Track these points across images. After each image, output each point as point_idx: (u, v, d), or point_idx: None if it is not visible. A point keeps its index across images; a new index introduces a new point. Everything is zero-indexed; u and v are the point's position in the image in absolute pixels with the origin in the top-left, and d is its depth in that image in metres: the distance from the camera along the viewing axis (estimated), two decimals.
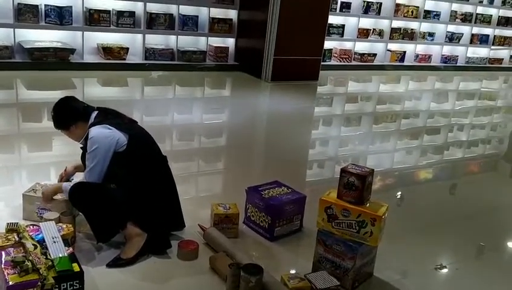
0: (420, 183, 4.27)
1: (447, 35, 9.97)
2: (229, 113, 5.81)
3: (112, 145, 2.40)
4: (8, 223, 2.38)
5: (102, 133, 2.41)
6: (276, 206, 2.74)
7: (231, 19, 7.62)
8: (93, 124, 2.47)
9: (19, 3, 6.03)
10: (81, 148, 2.59)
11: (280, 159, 4.27)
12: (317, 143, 5.13)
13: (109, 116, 2.55)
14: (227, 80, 7.34)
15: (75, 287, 2.09)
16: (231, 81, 7.29)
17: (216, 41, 7.63)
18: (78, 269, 2.11)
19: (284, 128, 5.24)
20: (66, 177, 2.76)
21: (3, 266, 2.05)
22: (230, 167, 4.11)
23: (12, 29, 6.04)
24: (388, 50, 9.37)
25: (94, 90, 6.00)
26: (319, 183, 3.89)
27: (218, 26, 7.50)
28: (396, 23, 9.34)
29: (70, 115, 2.53)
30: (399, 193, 3.91)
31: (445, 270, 2.73)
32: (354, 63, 8.93)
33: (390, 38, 9.29)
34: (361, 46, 9.12)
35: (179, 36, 7.21)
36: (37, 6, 6.14)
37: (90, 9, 6.49)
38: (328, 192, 2.44)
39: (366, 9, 8.82)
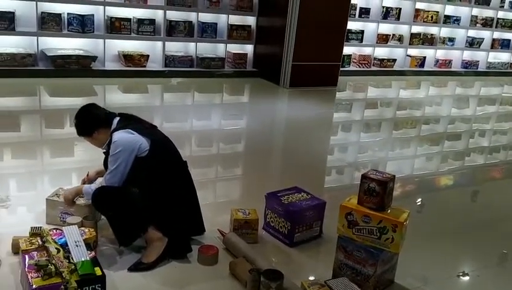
0: (441, 190, 4.22)
1: (467, 40, 9.85)
2: (248, 120, 5.83)
3: (135, 149, 2.44)
4: (32, 227, 2.44)
5: (125, 138, 2.45)
6: (296, 212, 2.74)
7: (250, 26, 7.66)
8: (115, 130, 2.50)
9: (42, 12, 6.16)
10: (104, 153, 2.63)
11: (299, 165, 4.27)
12: (336, 149, 5.11)
13: (131, 121, 2.59)
14: (246, 86, 7.37)
15: None
16: (249, 88, 7.32)
17: (235, 48, 7.68)
18: (100, 273, 2.14)
19: (303, 134, 5.23)
20: (88, 182, 2.80)
21: (27, 270, 2.09)
22: (249, 173, 4.12)
23: (35, 37, 6.16)
24: (408, 55, 9.29)
25: (115, 97, 6.08)
26: (338, 190, 3.87)
27: (236, 33, 7.55)
28: (416, 29, 9.26)
29: (92, 122, 2.57)
30: (419, 199, 3.86)
31: (466, 278, 2.69)
32: (373, 68, 8.88)
33: (410, 44, 9.21)
34: (381, 52, 9.07)
35: (198, 43, 7.27)
36: (59, 14, 6.25)
37: (111, 18, 6.59)
38: (349, 198, 2.42)
39: (386, 15, 8.78)
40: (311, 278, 2.37)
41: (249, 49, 7.77)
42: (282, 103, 6.72)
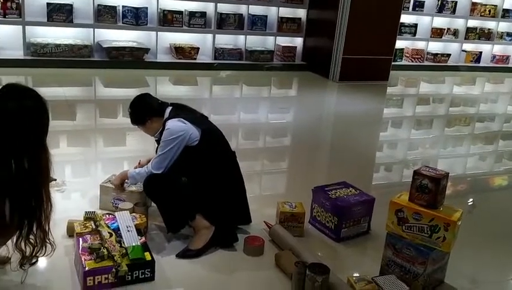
0: (494, 190, 4.06)
1: None
2: (296, 113, 5.80)
3: (185, 138, 2.48)
4: (86, 212, 2.53)
5: (177, 126, 2.50)
6: (344, 207, 2.71)
7: (300, 18, 7.61)
8: (168, 119, 2.56)
9: (98, 5, 6.35)
10: (156, 141, 2.69)
11: (347, 160, 4.21)
12: (386, 145, 5.00)
13: (183, 111, 2.64)
14: (294, 79, 7.33)
15: (146, 275, 2.19)
16: (298, 81, 7.28)
17: (284, 41, 7.64)
18: (150, 258, 2.20)
19: (352, 129, 5.16)
20: None
21: (80, 252, 2.18)
22: (296, 167, 4.10)
23: (92, 29, 6.37)
24: (463, 50, 8.96)
25: (166, 89, 6.20)
26: (386, 187, 3.79)
27: (286, 26, 7.52)
28: (472, 23, 8.91)
29: (146, 111, 2.63)
30: (471, 199, 3.73)
31: None
32: (426, 63, 8.63)
33: (465, 38, 8.89)
34: (435, 46, 8.79)
35: (247, 36, 7.29)
36: (115, 7, 6.43)
37: (164, 10, 6.71)
38: (399, 194, 2.37)
39: (441, 8, 8.50)
40: (358, 274, 2.34)
41: (298, 42, 7.72)
42: (331, 96, 6.64)
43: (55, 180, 2.77)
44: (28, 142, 1.87)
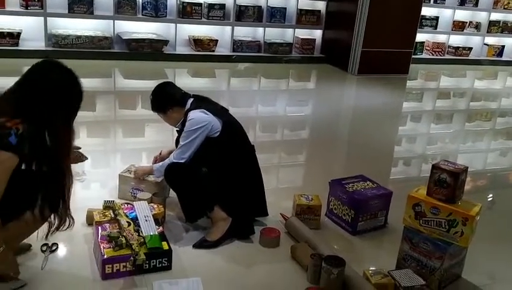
0: None
1: None
2: (314, 106, 5.78)
3: (207, 129, 2.50)
4: (105, 201, 2.57)
5: (199, 117, 2.51)
6: (361, 200, 2.70)
7: (319, 11, 7.56)
8: (190, 109, 2.57)
9: None
10: (177, 131, 2.71)
11: (365, 154, 4.19)
12: (405, 140, 4.96)
13: (205, 102, 2.65)
14: (313, 72, 7.30)
15: (163, 264, 2.21)
16: (317, 74, 7.24)
17: (303, 33, 7.60)
18: (167, 248, 2.23)
19: (370, 123, 5.12)
20: (159, 160, 2.90)
21: (99, 240, 2.21)
22: (313, 160, 4.10)
23: (112, 21, 6.43)
24: (485, 44, 8.81)
25: (184, 81, 6.23)
26: (404, 181, 3.76)
27: (305, 18, 7.48)
28: (495, 16, 8.74)
29: (168, 99, 2.64)
30: (491, 195, 3.68)
31: None
32: (447, 56, 8.51)
33: (487, 32, 8.73)
34: (456, 40, 8.66)
35: (266, 28, 7.27)
36: None
37: (183, 2, 6.73)
38: (417, 188, 2.35)
39: (463, 1, 8.35)
40: (374, 267, 2.34)
41: (317, 34, 7.68)
42: (350, 90, 6.60)
43: (80, 148, 2.71)
44: (56, 117, 1.86)
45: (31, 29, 6.11)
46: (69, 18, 6.24)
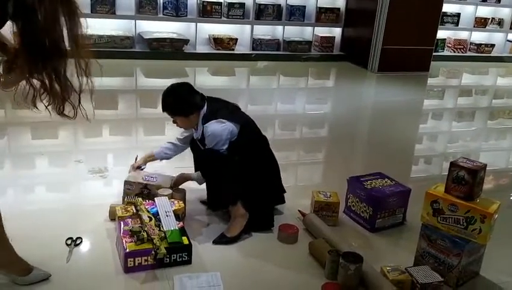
0: None
1: None
2: (333, 104, 5.78)
3: (228, 139, 2.49)
4: (127, 196, 2.63)
5: (218, 130, 2.48)
6: (379, 197, 2.71)
7: (339, 8, 7.53)
8: (206, 118, 2.54)
9: None
10: (197, 140, 2.67)
11: (384, 152, 4.18)
12: (425, 138, 4.92)
13: (218, 105, 2.64)
14: (332, 70, 7.28)
15: (183, 259, 2.26)
16: (336, 72, 7.23)
17: (322, 31, 7.59)
18: (187, 242, 2.28)
19: (390, 120, 5.10)
20: (136, 168, 2.89)
21: (122, 235, 2.27)
22: (332, 158, 4.10)
23: (133, 21, 6.52)
24: (508, 40, 8.64)
25: (204, 79, 6.29)
26: (424, 180, 3.74)
27: (325, 16, 7.46)
28: None
29: (191, 104, 2.57)
30: None
31: None
32: (469, 54, 8.38)
33: (510, 28, 8.57)
34: (478, 36, 8.52)
35: (285, 26, 7.29)
36: None
37: (203, 1, 6.78)
38: (435, 186, 2.36)
39: None
40: (391, 264, 2.34)
41: (336, 32, 7.66)
42: (370, 87, 6.57)
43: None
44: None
45: None
46: (92, 18, 6.35)
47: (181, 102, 2.58)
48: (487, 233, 2.16)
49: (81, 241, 2.40)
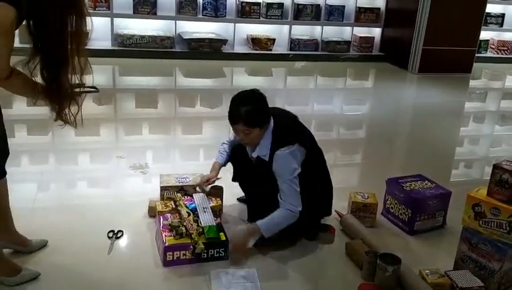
0: None
1: None
2: (372, 105, 5.72)
3: (299, 165, 2.35)
4: (166, 192, 2.68)
5: (290, 158, 2.31)
6: (418, 199, 2.67)
7: (379, 8, 7.44)
8: (275, 139, 2.33)
9: None
10: (258, 160, 2.41)
11: (424, 154, 4.10)
12: (467, 141, 4.81)
13: (282, 123, 2.41)
14: (371, 70, 7.20)
15: (220, 254, 2.30)
16: (375, 72, 7.14)
17: (361, 31, 7.52)
18: (224, 238, 2.31)
19: (430, 122, 5.00)
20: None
21: (161, 229, 2.32)
22: (370, 159, 4.06)
23: (174, 21, 6.64)
24: None
25: (242, 79, 6.34)
26: (465, 184, 3.64)
27: (364, 16, 7.39)
28: None
29: (270, 114, 2.32)
30: None
31: None
32: None
33: None
34: None
35: (324, 27, 7.25)
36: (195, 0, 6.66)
37: (242, 2, 6.84)
38: (477, 189, 2.30)
39: None
40: (430, 267, 2.30)
41: (376, 32, 7.57)
42: (410, 88, 6.46)
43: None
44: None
45: (99, 30, 6.40)
46: (134, 18, 6.50)
47: (261, 112, 2.28)
48: None
49: (122, 235, 2.47)
